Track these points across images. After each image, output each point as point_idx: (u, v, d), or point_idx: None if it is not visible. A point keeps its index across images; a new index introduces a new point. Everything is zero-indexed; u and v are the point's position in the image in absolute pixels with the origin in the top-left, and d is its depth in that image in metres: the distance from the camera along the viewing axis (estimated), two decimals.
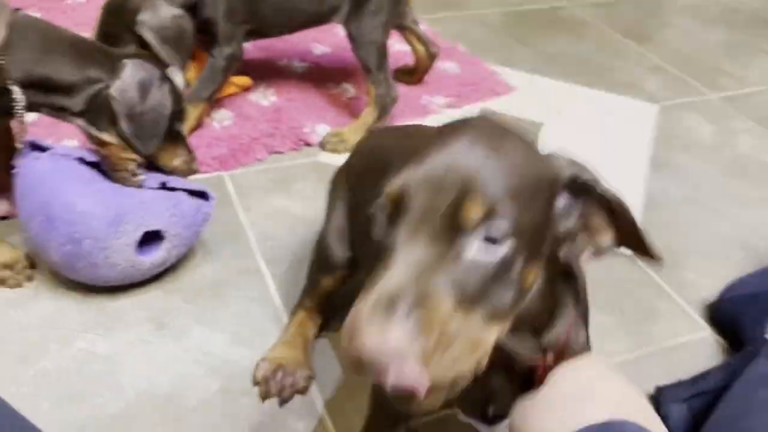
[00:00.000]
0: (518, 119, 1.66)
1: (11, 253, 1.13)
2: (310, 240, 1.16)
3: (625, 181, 1.49)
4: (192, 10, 1.38)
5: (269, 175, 1.44)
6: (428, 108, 1.69)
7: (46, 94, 1.05)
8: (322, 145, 1.53)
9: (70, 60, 1.05)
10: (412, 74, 1.78)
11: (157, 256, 1.11)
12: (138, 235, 1.07)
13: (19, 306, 1.09)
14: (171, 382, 1.00)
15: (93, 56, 1.06)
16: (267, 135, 1.53)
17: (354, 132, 1.53)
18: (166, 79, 1.10)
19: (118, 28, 1.27)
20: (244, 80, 1.65)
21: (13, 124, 1.07)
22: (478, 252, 0.49)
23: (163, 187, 1.13)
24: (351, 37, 1.52)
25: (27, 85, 1.04)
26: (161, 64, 1.13)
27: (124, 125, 1.06)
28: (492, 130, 0.55)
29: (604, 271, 1.22)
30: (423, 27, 1.74)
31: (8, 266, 1.12)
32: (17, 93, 1.04)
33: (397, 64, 1.76)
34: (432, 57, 1.74)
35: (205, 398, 0.98)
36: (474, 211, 0.49)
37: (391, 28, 1.56)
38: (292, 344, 1.04)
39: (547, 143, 1.55)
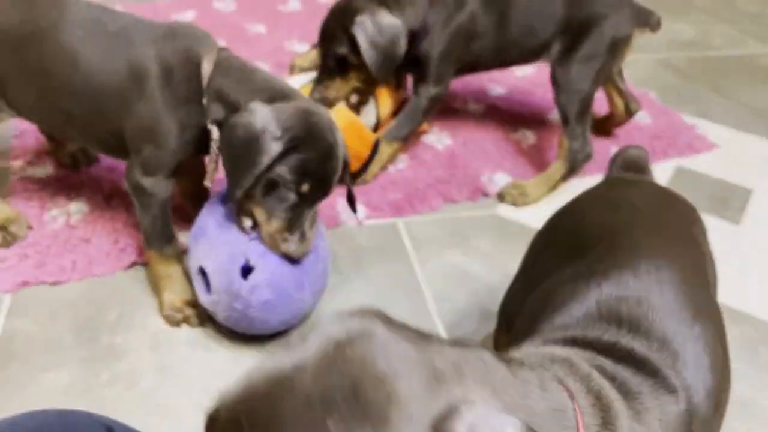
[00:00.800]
0: None
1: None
2: (490, 306, 1.04)
3: None
4: (409, 36, 1.34)
5: (445, 227, 1.34)
6: None
7: None
8: (501, 197, 1.42)
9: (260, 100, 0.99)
10: (603, 125, 1.62)
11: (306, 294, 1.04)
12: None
13: (203, 348, 1.06)
14: None
15: (275, 97, 1.00)
16: (442, 181, 1.44)
17: (537, 186, 1.41)
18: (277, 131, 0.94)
19: (336, 28, 1.31)
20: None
21: (207, 160, 1.05)
22: None
23: None
24: (555, 81, 1.41)
25: (220, 123, 1.01)
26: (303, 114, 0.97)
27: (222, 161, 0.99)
28: None
29: None
30: None
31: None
32: (214, 132, 1.02)
33: None
34: (630, 114, 1.57)
35: None
36: None
37: (602, 79, 1.43)
38: None
39: (756, 214, 1.38)
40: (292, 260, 0.99)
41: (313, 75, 1.43)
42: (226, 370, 1.02)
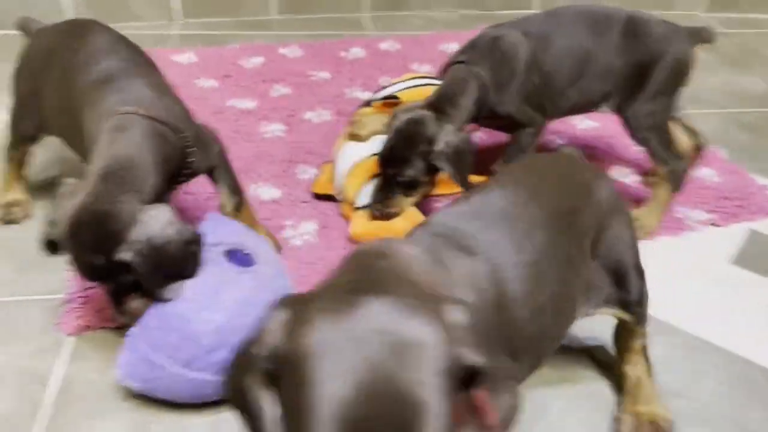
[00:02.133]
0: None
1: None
2: None
3: None
4: (478, 106, 1.35)
5: None
6: (683, 223, 1.48)
7: None
8: None
9: None
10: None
11: None
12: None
13: None
14: None
15: None
16: None
17: (651, 214, 1.43)
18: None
19: (409, 153, 1.28)
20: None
21: None
22: None
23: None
24: (626, 124, 1.42)
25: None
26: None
27: None
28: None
29: None
30: None
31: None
32: None
33: (638, 163, 1.59)
34: (698, 150, 1.52)
35: None
36: None
37: (674, 106, 1.43)
38: None
39: None
40: None
41: (372, 147, 1.42)
42: None
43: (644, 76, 1.37)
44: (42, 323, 1.19)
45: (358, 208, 1.39)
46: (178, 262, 0.98)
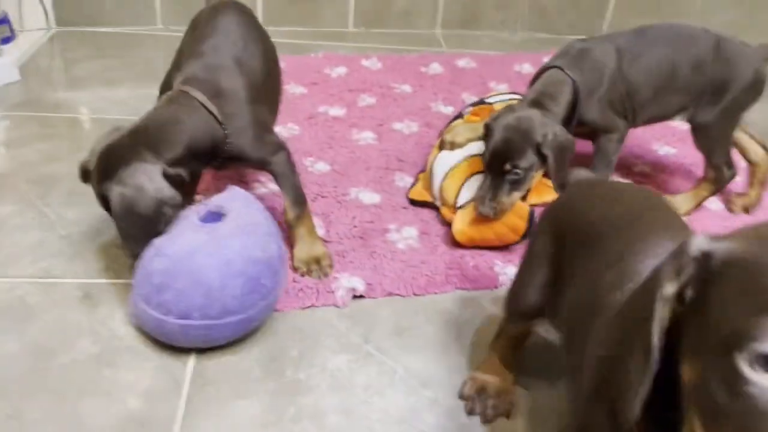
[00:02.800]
0: None
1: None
2: None
3: None
4: (570, 109, 1.45)
5: None
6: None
7: None
8: None
9: None
10: (747, 192, 1.64)
11: None
12: None
13: (378, 394, 1.11)
14: None
15: None
16: None
17: (685, 201, 1.58)
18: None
19: (524, 145, 1.35)
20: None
21: None
22: None
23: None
24: (695, 133, 1.53)
25: None
26: None
27: None
28: None
29: None
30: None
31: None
32: None
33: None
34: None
35: None
36: None
37: (739, 123, 1.53)
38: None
39: None
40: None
41: (469, 151, 1.51)
42: (404, 418, 1.07)
43: (722, 92, 1.47)
44: None
45: (459, 208, 1.45)
46: (149, 215, 1.13)
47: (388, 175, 1.65)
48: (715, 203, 1.65)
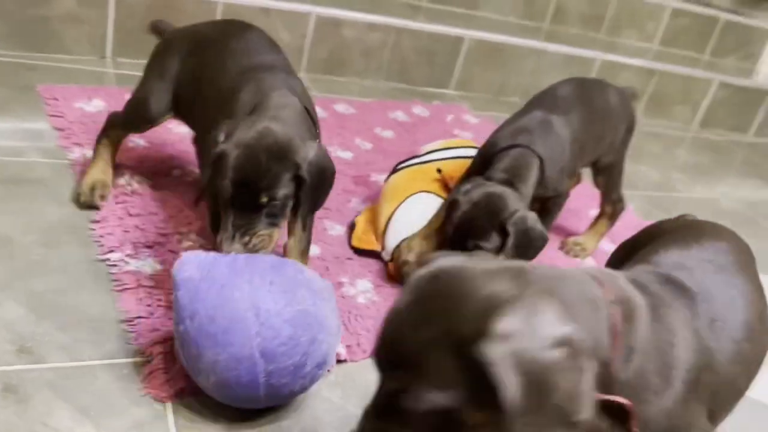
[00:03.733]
0: None
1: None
2: None
3: None
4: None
5: None
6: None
7: None
8: (566, 252, 1.74)
9: None
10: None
11: None
12: None
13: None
14: None
15: None
16: None
17: (590, 239, 1.75)
18: None
19: (486, 223, 1.29)
20: None
21: None
22: None
23: None
24: (600, 174, 1.70)
25: None
26: None
27: None
28: None
29: None
30: None
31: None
32: None
33: None
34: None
35: None
36: None
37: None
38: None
39: None
40: None
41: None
42: None
43: (622, 133, 1.66)
44: (121, 391, 1.02)
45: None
46: (328, 186, 1.19)
47: (317, 224, 1.55)
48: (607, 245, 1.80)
